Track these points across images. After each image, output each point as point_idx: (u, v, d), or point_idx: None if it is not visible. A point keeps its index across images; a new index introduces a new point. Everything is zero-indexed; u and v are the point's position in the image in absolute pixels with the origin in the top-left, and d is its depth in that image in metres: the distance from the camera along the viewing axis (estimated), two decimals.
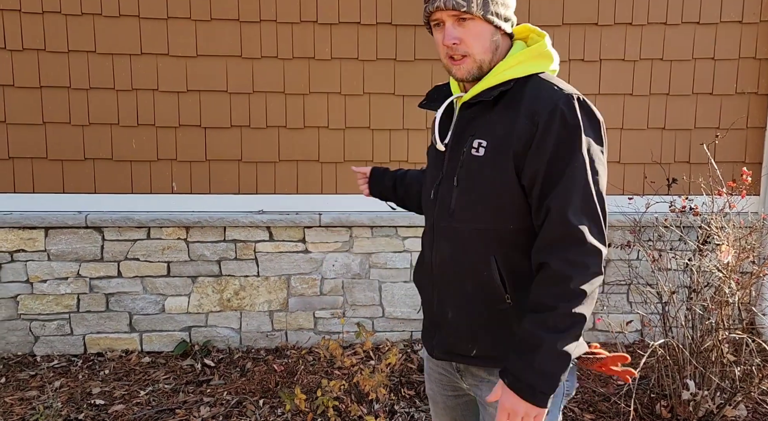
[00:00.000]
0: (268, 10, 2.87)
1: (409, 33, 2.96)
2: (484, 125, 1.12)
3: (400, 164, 3.04)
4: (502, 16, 1.10)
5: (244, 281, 2.99)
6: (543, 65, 1.12)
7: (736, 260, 2.39)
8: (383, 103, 3.00)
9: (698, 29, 2.92)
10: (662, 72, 2.97)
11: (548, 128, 1.03)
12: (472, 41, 1.09)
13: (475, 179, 1.12)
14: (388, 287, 3.07)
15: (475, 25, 1.09)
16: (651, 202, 2.84)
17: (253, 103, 2.95)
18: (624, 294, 3.07)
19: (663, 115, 3.00)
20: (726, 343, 2.44)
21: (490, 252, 1.11)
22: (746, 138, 2.97)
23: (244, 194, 3.00)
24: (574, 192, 1.03)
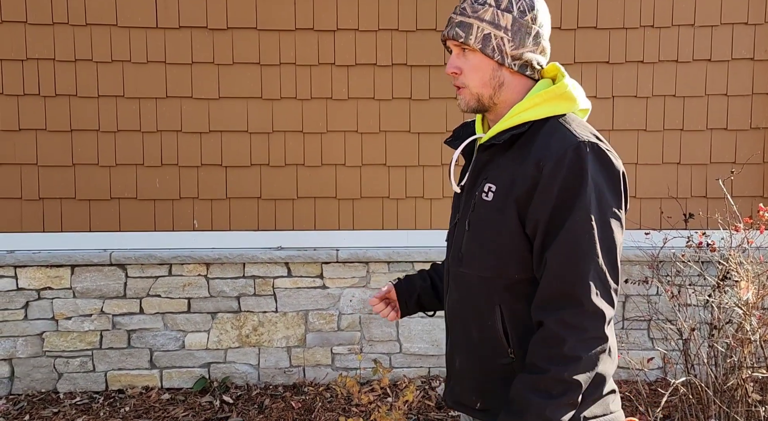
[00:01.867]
0: (287, 53, 2.98)
1: (424, 73, 3.04)
2: (496, 169, 1.08)
3: (416, 200, 3.09)
4: (507, 54, 1.05)
5: (262, 316, 3.03)
6: (563, 107, 1.05)
7: (756, 296, 2.36)
8: (399, 140, 3.07)
9: (710, 66, 2.96)
10: (675, 108, 3.00)
11: (553, 176, 0.98)
12: (468, 73, 1.07)
13: (483, 225, 1.08)
14: (405, 323, 3.07)
15: (474, 58, 1.07)
16: (668, 237, 2.84)
17: (272, 142, 3.04)
18: (644, 330, 3.04)
19: (678, 151, 3.02)
20: (751, 382, 2.39)
21: (495, 302, 1.07)
22: (763, 173, 2.97)
23: (263, 231, 3.06)
24: (575, 246, 0.96)
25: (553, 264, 0.98)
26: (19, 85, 2.88)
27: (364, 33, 3.01)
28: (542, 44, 1.08)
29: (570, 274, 0.96)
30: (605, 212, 0.99)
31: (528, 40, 1.06)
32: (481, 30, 1.04)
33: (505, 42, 1.04)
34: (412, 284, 1.36)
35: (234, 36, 2.95)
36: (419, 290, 1.34)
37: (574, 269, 0.96)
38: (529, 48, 1.06)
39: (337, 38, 3.00)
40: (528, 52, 1.06)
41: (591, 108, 1.13)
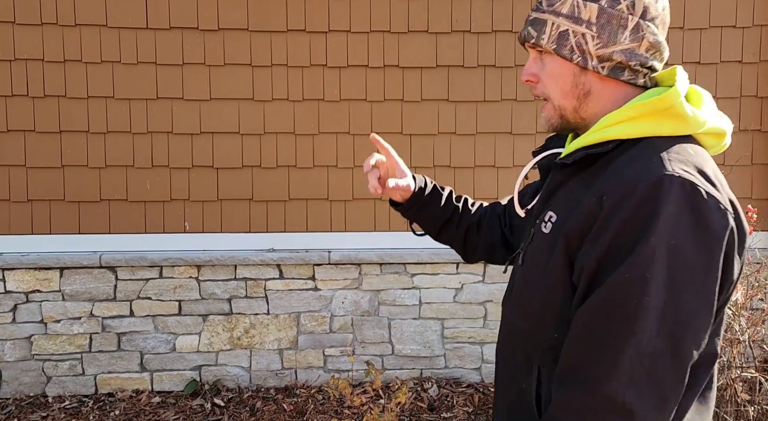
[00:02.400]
0: (279, 55, 2.97)
1: (416, 74, 3.04)
2: (564, 195, 0.87)
3: None
4: (591, 54, 0.82)
5: (254, 319, 3.01)
6: (667, 127, 0.80)
7: (745, 297, 2.39)
8: (391, 142, 3.04)
9: (699, 68, 2.99)
10: None
11: (612, 215, 0.73)
12: (546, 81, 0.87)
13: (534, 263, 0.88)
14: (398, 324, 3.07)
15: (552, 62, 0.86)
16: None
17: (264, 143, 3.02)
18: None
19: None
20: (740, 381, 2.42)
21: (534, 361, 0.86)
22: (752, 174, 3.00)
23: (255, 233, 3.05)
24: (612, 311, 0.72)
25: (579, 324, 0.75)
26: (7, 85, 2.85)
27: (355, 34, 3.00)
28: (648, 39, 0.82)
29: (595, 344, 0.73)
30: (678, 279, 0.70)
31: (622, 35, 0.82)
32: (556, 27, 0.84)
33: (588, 39, 0.82)
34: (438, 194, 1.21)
35: (225, 37, 2.94)
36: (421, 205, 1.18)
37: (601, 339, 0.72)
38: (623, 45, 0.82)
39: (329, 40, 3.00)
40: (622, 50, 0.82)
41: (729, 133, 0.86)
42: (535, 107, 3.06)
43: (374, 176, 1.19)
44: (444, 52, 3.03)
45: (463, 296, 3.09)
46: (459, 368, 3.09)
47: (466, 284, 3.09)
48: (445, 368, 3.09)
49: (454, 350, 3.09)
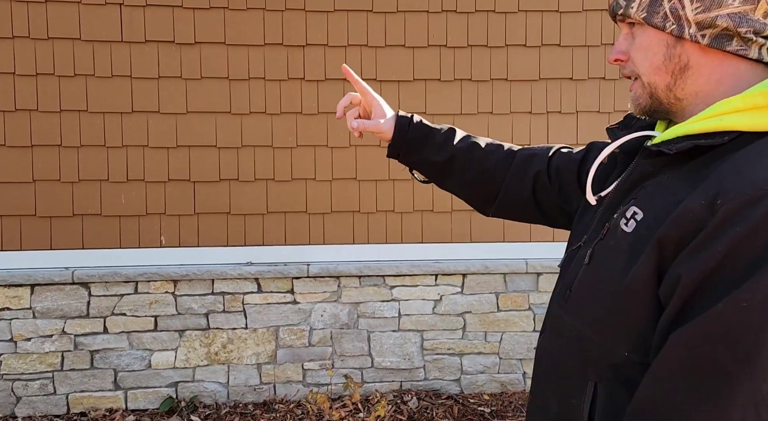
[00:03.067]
0: (256, 68, 2.98)
1: (393, 88, 3.07)
2: (655, 189, 0.72)
3: (386, 214, 3.10)
4: (689, 20, 0.68)
5: (232, 333, 2.98)
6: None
7: None
8: (369, 154, 3.09)
9: None
10: None
11: (728, 224, 0.59)
12: (635, 55, 0.74)
13: (607, 262, 0.73)
14: (377, 337, 3.07)
15: (642, 33, 0.73)
16: None
17: (241, 156, 3.01)
18: None
19: None
20: None
21: (591, 377, 0.73)
22: None
23: (233, 246, 3.02)
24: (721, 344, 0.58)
25: (674, 356, 0.61)
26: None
27: (333, 48, 3.03)
28: (766, 1, 0.67)
29: (696, 385, 0.59)
30: None
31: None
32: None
33: (685, 3, 0.69)
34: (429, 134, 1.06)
35: (202, 51, 2.93)
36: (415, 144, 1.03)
37: (706, 379, 0.58)
38: (731, 8, 0.67)
39: (307, 53, 3.01)
40: (729, 14, 0.67)
41: None
42: (511, 120, 3.12)
43: (352, 116, 1.07)
44: (421, 65, 3.07)
45: (442, 307, 3.10)
46: (439, 379, 3.10)
47: (445, 295, 3.11)
48: (424, 380, 3.09)
49: (434, 361, 3.09)
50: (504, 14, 3.07)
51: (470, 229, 3.14)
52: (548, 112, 3.11)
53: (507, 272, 3.11)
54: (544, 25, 3.07)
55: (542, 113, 3.12)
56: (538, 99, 3.11)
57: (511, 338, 3.11)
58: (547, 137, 3.11)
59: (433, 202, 3.12)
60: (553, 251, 3.11)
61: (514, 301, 3.12)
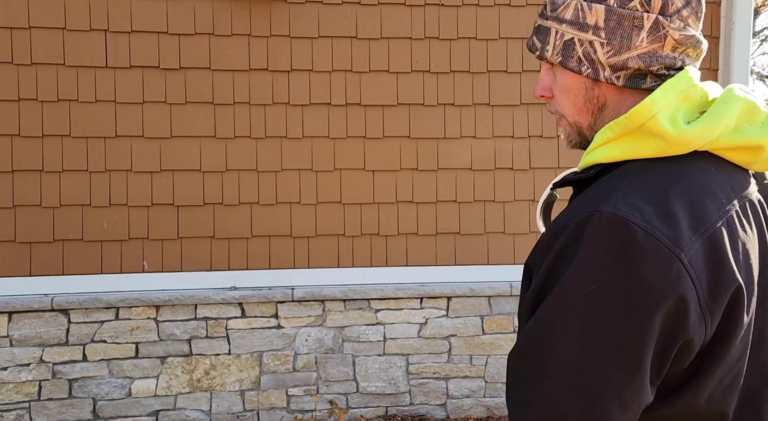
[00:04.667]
0: (241, 93, 3.00)
1: (378, 112, 3.11)
2: None
3: (371, 237, 3.11)
4: (602, 63, 0.71)
5: (215, 359, 2.94)
6: (644, 147, 0.67)
7: None
8: (353, 178, 3.11)
9: None
10: None
11: (544, 253, 0.67)
12: (559, 96, 0.77)
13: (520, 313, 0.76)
14: (362, 361, 3.05)
15: (562, 75, 0.76)
16: None
17: (226, 181, 3.01)
18: None
19: None
20: None
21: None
22: None
23: (216, 271, 3.00)
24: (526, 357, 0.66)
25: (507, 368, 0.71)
26: None
27: (318, 73, 3.06)
28: (673, 36, 0.70)
29: (512, 390, 0.67)
30: (591, 331, 0.61)
31: (637, 37, 0.70)
32: (560, 36, 0.74)
33: (597, 47, 0.71)
34: None
35: (187, 76, 2.95)
36: None
37: (517, 386, 0.67)
38: (641, 49, 0.70)
39: (292, 78, 3.04)
40: (639, 55, 0.70)
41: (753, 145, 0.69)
42: (494, 144, 3.16)
43: None
44: (404, 90, 3.12)
45: (427, 330, 3.10)
46: (424, 404, 3.08)
47: (430, 318, 3.10)
48: (410, 405, 3.07)
49: (419, 385, 3.08)
50: (485, 41, 3.13)
51: (455, 251, 3.16)
52: (530, 136, 3.17)
53: (492, 295, 3.12)
54: (524, 52, 3.14)
55: (524, 137, 3.17)
56: (520, 123, 3.16)
57: (497, 361, 3.11)
58: (529, 161, 3.16)
59: (417, 225, 3.13)
60: None
61: (499, 324, 3.12)
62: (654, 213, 0.61)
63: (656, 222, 0.61)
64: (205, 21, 2.95)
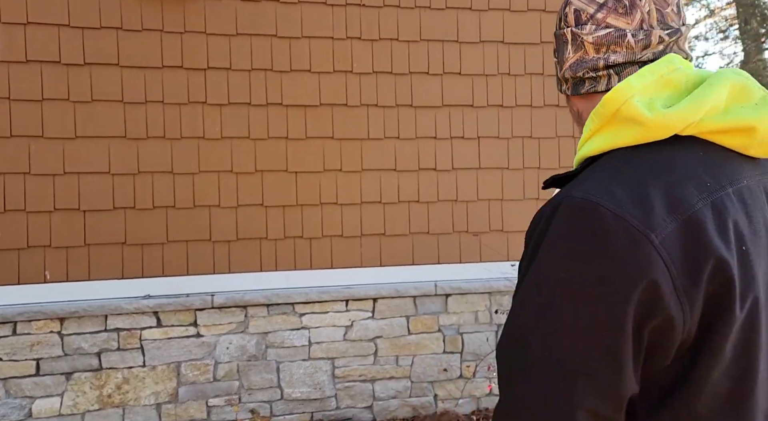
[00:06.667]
0: (154, 91, 2.86)
1: (300, 112, 3.06)
2: None
3: (295, 240, 3.05)
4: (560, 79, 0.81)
5: (127, 372, 2.78)
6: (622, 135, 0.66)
7: None
8: (276, 180, 3.04)
9: (559, 111, 3.29)
10: (533, 148, 3.28)
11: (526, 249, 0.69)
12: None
13: None
14: (287, 367, 2.98)
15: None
16: None
17: (138, 183, 2.86)
18: None
19: (537, 186, 3.28)
20: None
21: None
22: None
23: (129, 279, 2.84)
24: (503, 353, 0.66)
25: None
26: None
27: (237, 72, 2.97)
28: (588, 40, 0.75)
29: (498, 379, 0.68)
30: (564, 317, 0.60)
31: (566, 51, 0.77)
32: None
33: (558, 69, 0.82)
34: None
35: (93, 72, 2.77)
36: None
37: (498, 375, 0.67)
38: (570, 60, 0.77)
39: (209, 77, 2.93)
40: (569, 66, 0.77)
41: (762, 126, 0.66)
42: (417, 145, 3.19)
43: None
44: (327, 91, 3.08)
45: (353, 333, 3.07)
46: (350, 407, 3.05)
47: (356, 321, 3.08)
48: (336, 409, 3.03)
49: (345, 389, 3.05)
50: (407, 43, 3.15)
51: (380, 252, 3.15)
52: (452, 137, 3.22)
53: (417, 295, 3.14)
54: (445, 55, 3.19)
55: (446, 138, 3.22)
56: (442, 125, 3.21)
57: (422, 360, 3.14)
58: (451, 162, 3.21)
59: (342, 227, 3.10)
60: (460, 273, 3.19)
61: (425, 323, 3.15)
62: (627, 196, 0.60)
63: (627, 205, 0.59)
64: (111, 14, 2.78)
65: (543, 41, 3.25)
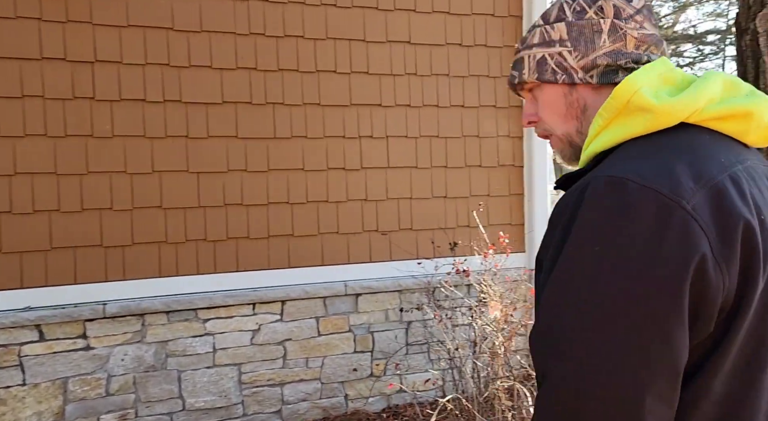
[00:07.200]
0: (32, 85, 2.63)
1: (201, 110, 2.93)
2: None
3: (197, 243, 2.92)
4: (573, 68, 0.78)
5: (4, 392, 2.54)
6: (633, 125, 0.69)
7: (502, 313, 2.70)
8: (176, 180, 2.89)
9: (464, 111, 3.37)
10: (439, 147, 3.34)
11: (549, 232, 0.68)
12: (544, 113, 0.82)
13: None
14: (189, 376, 2.85)
15: (542, 93, 0.82)
16: (439, 265, 3.12)
17: (15, 185, 2.62)
18: (425, 353, 3.26)
19: (444, 186, 3.35)
20: (504, 391, 2.70)
21: None
22: (510, 203, 3.45)
23: (6, 290, 2.60)
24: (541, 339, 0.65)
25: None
26: None
27: (129, 66, 2.79)
28: (632, 35, 0.77)
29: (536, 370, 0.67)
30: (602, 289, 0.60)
31: (599, 39, 0.78)
32: (533, 58, 0.81)
33: (566, 55, 0.79)
34: None
35: None
36: None
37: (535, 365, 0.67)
38: (606, 48, 0.77)
39: (97, 70, 2.74)
40: (605, 53, 0.77)
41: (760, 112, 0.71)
42: (325, 144, 3.15)
43: None
44: (230, 88, 2.97)
45: (260, 337, 2.99)
46: (259, 413, 2.97)
47: (263, 324, 3.00)
48: (243, 416, 2.94)
49: (253, 395, 2.96)
50: (313, 41, 3.11)
51: (288, 253, 3.09)
52: (360, 136, 3.21)
53: (327, 296, 3.11)
54: (352, 53, 3.17)
55: (355, 138, 3.21)
56: (351, 124, 3.19)
57: (333, 361, 3.11)
58: (360, 161, 3.21)
59: (248, 229, 3.01)
60: (370, 272, 3.19)
61: (335, 324, 3.13)
62: (652, 170, 0.61)
63: (654, 178, 0.60)
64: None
65: (448, 43, 3.32)
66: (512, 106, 3.43)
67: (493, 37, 3.39)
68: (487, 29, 3.37)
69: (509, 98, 3.41)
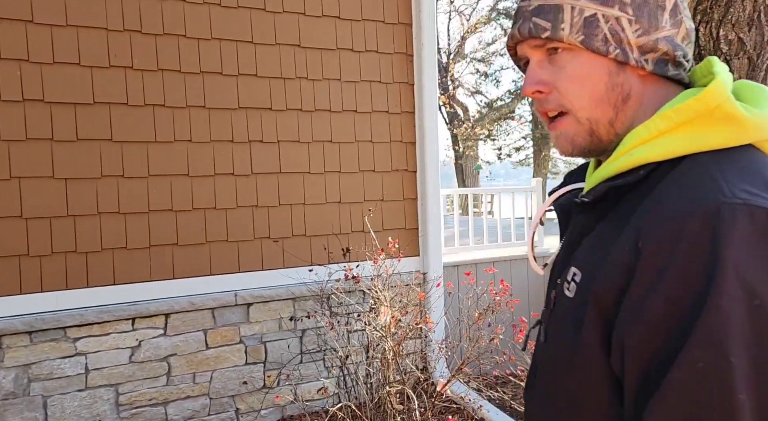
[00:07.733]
0: None
1: (68, 111, 2.69)
2: (589, 244, 0.63)
3: (66, 256, 2.68)
4: (631, 43, 0.61)
5: None
6: (713, 136, 0.57)
7: (392, 318, 2.72)
8: (39, 187, 2.64)
9: (357, 116, 3.38)
10: (333, 152, 3.32)
11: (655, 266, 0.52)
12: (568, 87, 0.63)
13: (558, 339, 0.64)
14: (57, 401, 2.61)
15: (574, 60, 0.63)
16: (333, 271, 3.09)
17: None
18: (320, 361, 3.22)
19: (338, 190, 3.33)
20: (395, 394, 2.73)
21: None
22: (404, 208, 3.50)
23: None
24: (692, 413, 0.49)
25: None
26: None
27: None
28: (685, 25, 0.64)
29: None
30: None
31: (662, 17, 0.62)
32: (579, 12, 0.61)
33: (624, 24, 0.61)
34: None
35: None
36: None
37: None
38: (666, 31, 0.62)
39: None
40: (665, 37, 0.62)
41: None
42: (212, 148, 3.02)
43: None
44: (102, 87, 2.76)
45: (141, 354, 2.80)
46: None
47: (144, 340, 2.82)
48: None
49: (132, 416, 2.77)
50: (196, 40, 2.97)
51: (173, 264, 2.93)
52: (250, 141, 3.11)
53: (215, 307, 2.98)
54: (239, 55, 3.07)
55: (244, 142, 3.10)
56: (239, 128, 3.09)
57: (222, 374, 2.98)
58: (250, 166, 3.11)
59: (126, 238, 2.81)
60: (262, 280, 3.10)
61: (224, 335, 3.00)
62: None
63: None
64: None
65: (339, 48, 3.31)
66: (404, 112, 3.48)
67: (383, 44, 3.42)
68: (377, 35, 3.39)
69: (401, 103, 3.46)
